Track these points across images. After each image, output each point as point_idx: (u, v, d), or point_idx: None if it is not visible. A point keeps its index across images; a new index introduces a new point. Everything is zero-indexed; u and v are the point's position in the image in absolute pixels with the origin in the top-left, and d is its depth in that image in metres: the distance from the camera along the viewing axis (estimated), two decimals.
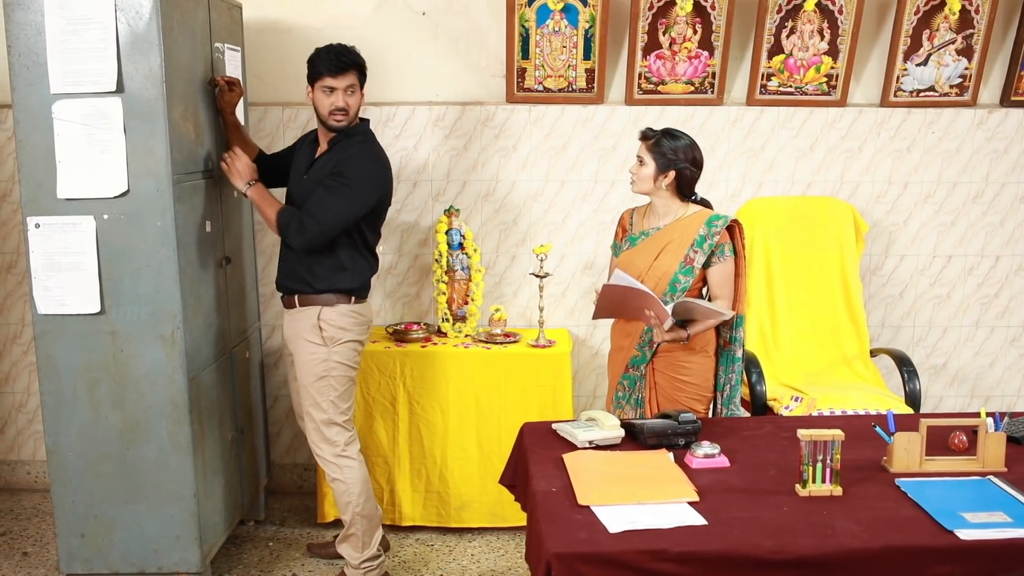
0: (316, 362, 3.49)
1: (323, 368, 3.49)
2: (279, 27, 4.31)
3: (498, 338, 4.19)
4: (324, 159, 3.48)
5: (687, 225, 3.31)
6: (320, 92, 3.41)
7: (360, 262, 3.52)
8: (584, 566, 2.15)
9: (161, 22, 3.15)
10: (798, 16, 4.17)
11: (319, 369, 3.49)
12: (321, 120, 3.46)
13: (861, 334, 4.17)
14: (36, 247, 3.28)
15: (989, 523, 2.28)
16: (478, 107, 4.36)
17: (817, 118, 4.36)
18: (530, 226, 4.44)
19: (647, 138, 3.30)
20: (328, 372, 3.49)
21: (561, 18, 4.19)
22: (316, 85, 3.41)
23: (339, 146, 3.46)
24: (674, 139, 3.25)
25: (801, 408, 3.71)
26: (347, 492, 3.58)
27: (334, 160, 3.43)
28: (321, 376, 3.49)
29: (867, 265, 4.45)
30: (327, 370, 3.49)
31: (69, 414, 3.38)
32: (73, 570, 3.48)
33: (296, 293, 3.52)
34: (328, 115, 3.41)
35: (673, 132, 3.29)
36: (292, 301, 3.54)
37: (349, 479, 3.57)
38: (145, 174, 3.23)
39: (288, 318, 3.58)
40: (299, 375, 3.55)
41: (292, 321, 3.56)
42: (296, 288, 3.52)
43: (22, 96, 3.22)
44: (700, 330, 3.25)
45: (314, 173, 3.48)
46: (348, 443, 3.59)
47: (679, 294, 3.23)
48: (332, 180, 3.38)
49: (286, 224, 3.40)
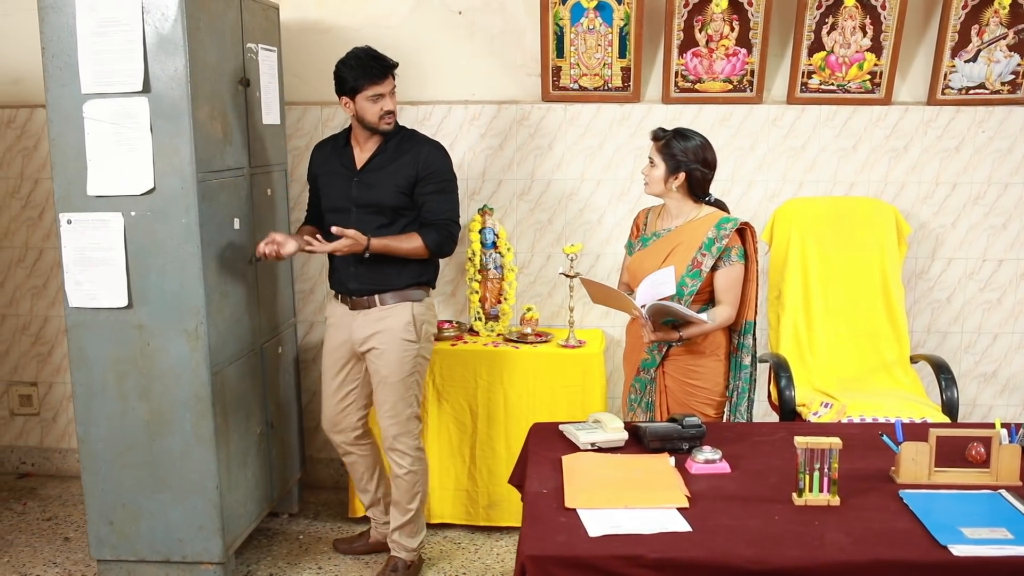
0: (409, 358, 3.54)
1: (412, 365, 3.56)
2: (318, 27, 4.36)
3: (529, 337, 4.18)
4: (382, 159, 3.51)
5: (697, 227, 3.26)
6: (366, 101, 3.43)
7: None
8: (558, 569, 2.13)
9: (186, 24, 3.22)
10: (839, 12, 4.06)
11: (410, 365, 3.55)
12: (368, 126, 3.49)
13: (901, 339, 4.04)
14: (68, 242, 3.39)
15: (988, 539, 2.19)
16: (513, 106, 4.36)
17: (860, 117, 4.23)
18: (565, 225, 4.42)
19: (657, 139, 3.26)
20: (416, 368, 3.58)
21: (595, 16, 4.15)
22: (360, 96, 3.43)
23: (402, 147, 3.51)
24: (685, 139, 3.20)
25: (830, 415, 3.61)
26: (418, 484, 3.67)
27: (409, 162, 3.48)
28: (411, 372, 3.56)
29: (912, 268, 4.31)
30: (415, 366, 3.57)
31: (99, 405, 3.48)
32: (103, 556, 3.59)
33: (378, 292, 3.53)
34: (379, 121, 3.46)
35: (684, 132, 3.23)
36: (374, 301, 3.54)
37: (422, 470, 3.68)
38: (170, 172, 3.30)
39: (364, 319, 3.55)
40: (387, 373, 3.55)
41: (374, 321, 3.54)
42: (381, 287, 3.52)
43: (55, 96, 3.33)
44: (695, 332, 3.20)
45: (373, 173, 3.50)
46: (421, 436, 3.72)
47: (687, 298, 3.18)
48: (435, 183, 3.49)
49: (436, 243, 3.49)
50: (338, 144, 3.65)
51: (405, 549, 3.73)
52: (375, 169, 3.51)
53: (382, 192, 3.48)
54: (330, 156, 3.64)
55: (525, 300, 4.45)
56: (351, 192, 3.52)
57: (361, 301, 3.55)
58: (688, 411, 3.26)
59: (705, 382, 3.29)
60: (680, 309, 3.10)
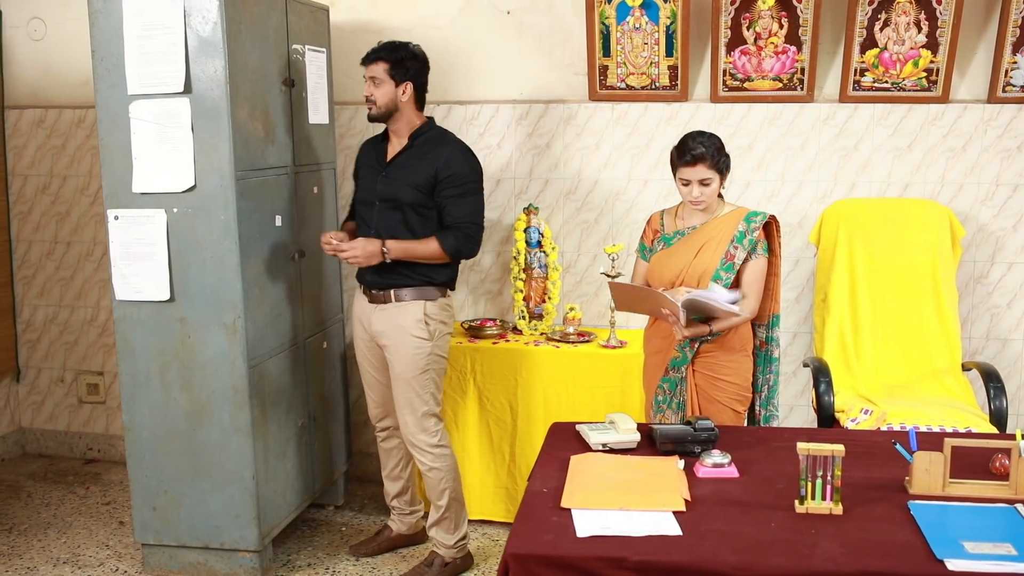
0: (420, 356, 3.58)
1: (427, 361, 3.59)
2: (370, 28, 4.43)
3: (571, 337, 4.17)
4: (407, 156, 3.58)
5: (724, 222, 3.24)
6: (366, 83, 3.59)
7: None
8: (541, 568, 2.14)
9: (226, 27, 3.32)
10: (892, 7, 3.94)
11: (423, 363, 3.59)
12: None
13: (953, 346, 3.89)
14: (115, 237, 3.53)
15: (990, 555, 2.10)
16: (560, 105, 4.36)
17: (916, 115, 4.10)
18: (611, 225, 4.40)
19: (703, 159, 3.14)
20: (430, 365, 3.60)
21: (641, 14, 4.12)
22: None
23: (427, 146, 3.56)
24: (717, 142, 3.19)
25: (869, 422, 3.51)
26: (444, 479, 3.70)
27: (431, 161, 3.52)
28: (424, 369, 3.60)
29: (969, 273, 4.16)
30: (430, 363, 3.60)
31: (143, 394, 3.61)
32: (146, 540, 3.73)
33: (392, 288, 3.59)
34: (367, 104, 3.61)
35: (708, 137, 3.20)
36: (389, 296, 3.61)
37: (445, 467, 3.70)
38: (210, 170, 3.41)
39: (380, 313, 3.63)
40: (400, 369, 3.61)
41: (389, 316, 3.61)
42: (394, 283, 3.58)
43: (104, 97, 3.47)
44: (725, 326, 3.18)
45: (397, 169, 3.57)
46: (443, 433, 3.72)
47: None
48: (455, 186, 3.51)
49: (454, 247, 3.53)
50: (379, 139, 3.74)
51: (443, 546, 3.76)
52: (400, 166, 3.57)
53: (400, 188, 3.52)
54: (370, 150, 3.74)
55: (571, 299, 4.45)
56: (377, 186, 3.58)
57: (378, 295, 3.60)
58: (718, 408, 3.25)
59: (736, 377, 3.26)
60: (715, 303, 3.05)
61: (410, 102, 3.57)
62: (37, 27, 4.75)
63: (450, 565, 3.77)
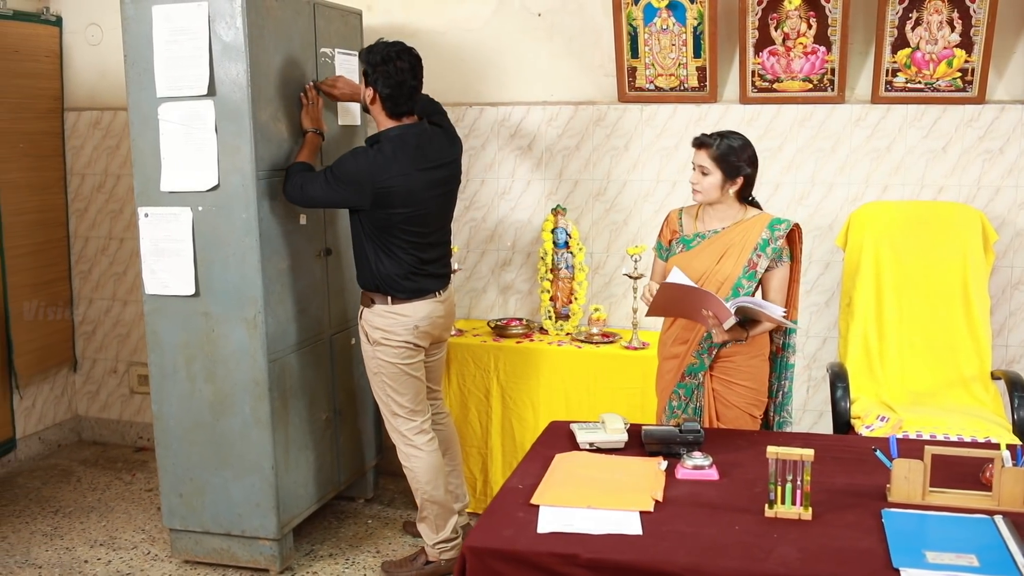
0: (368, 359, 3.69)
1: (374, 365, 3.66)
2: (405, 31, 4.51)
3: (595, 338, 4.19)
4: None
5: (748, 229, 3.19)
6: None
7: (389, 263, 3.53)
8: (496, 562, 2.18)
9: (248, 32, 3.44)
10: (923, 7, 3.85)
11: (372, 365, 3.68)
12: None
13: (982, 353, 3.78)
14: (145, 234, 3.68)
15: (949, 565, 2.07)
16: (590, 107, 4.37)
17: (951, 116, 4.00)
18: (640, 227, 4.40)
19: (706, 146, 3.16)
20: (379, 369, 3.65)
21: (668, 16, 4.11)
22: None
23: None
24: (736, 143, 3.14)
25: (885, 429, 3.44)
26: (415, 479, 3.74)
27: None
28: (374, 372, 3.67)
29: (1007, 279, 4.03)
30: (377, 367, 3.65)
31: (171, 385, 3.76)
32: (173, 525, 3.88)
33: (362, 288, 3.71)
34: None
35: (731, 135, 3.17)
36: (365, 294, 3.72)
37: (415, 467, 3.73)
38: (232, 170, 3.53)
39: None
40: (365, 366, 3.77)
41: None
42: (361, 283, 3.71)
43: (135, 99, 3.63)
44: (759, 332, 3.15)
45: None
46: (416, 432, 3.72)
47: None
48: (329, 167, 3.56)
49: (291, 171, 3.60)
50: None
51: (426, 544, 3.79)
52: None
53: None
54: None
55: (599, 300, 4.46)
56: None
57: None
58: (736, 413, 3.23)
59: (753, 382, 3.23)
60: (765, 309, 3.03)
61: (377, 106, 3.55)
62: (94, 32, 4.97)
63: (433, 564, 3.78)
